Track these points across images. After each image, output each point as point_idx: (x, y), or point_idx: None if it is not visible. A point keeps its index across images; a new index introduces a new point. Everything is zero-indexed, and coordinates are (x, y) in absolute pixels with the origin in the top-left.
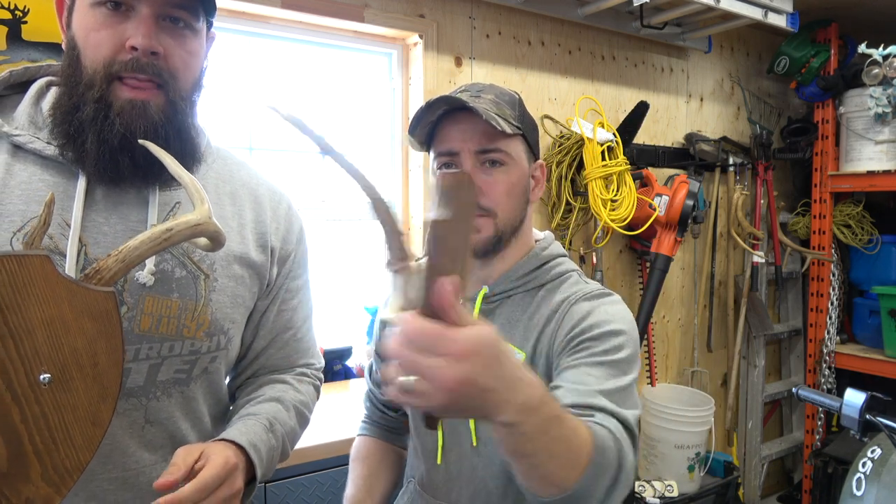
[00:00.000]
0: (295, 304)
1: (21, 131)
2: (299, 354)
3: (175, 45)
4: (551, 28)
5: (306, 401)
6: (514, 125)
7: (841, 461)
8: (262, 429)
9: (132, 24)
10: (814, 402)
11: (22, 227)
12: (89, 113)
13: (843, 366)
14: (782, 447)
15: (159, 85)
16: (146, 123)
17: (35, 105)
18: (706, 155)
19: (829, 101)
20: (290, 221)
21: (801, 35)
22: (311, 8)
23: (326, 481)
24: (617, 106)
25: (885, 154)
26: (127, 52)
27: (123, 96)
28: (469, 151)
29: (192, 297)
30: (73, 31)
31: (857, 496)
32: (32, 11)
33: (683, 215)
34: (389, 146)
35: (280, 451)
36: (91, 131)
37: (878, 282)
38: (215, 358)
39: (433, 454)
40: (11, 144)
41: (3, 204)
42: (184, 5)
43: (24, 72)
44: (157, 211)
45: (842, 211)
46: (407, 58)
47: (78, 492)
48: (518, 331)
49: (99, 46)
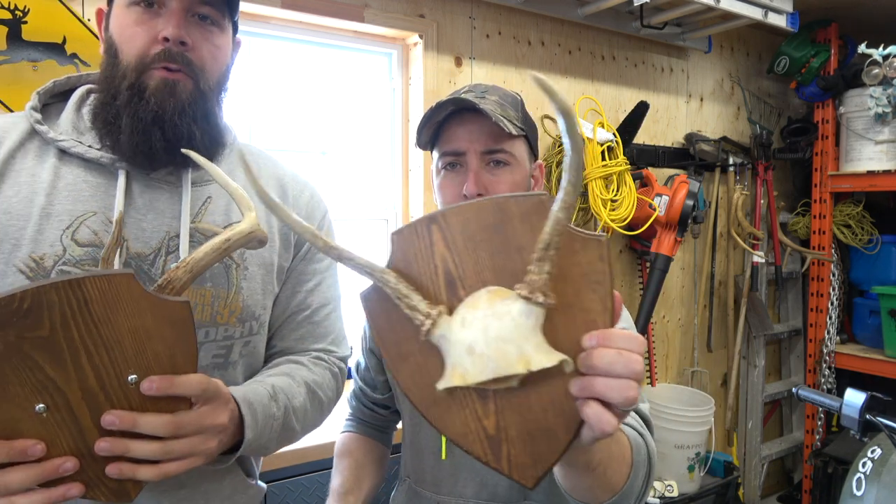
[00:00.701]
0: (311, 286)
1: (65, 136)
2: (315, 338)
3: (202, 38)
4: (551, 28)
5: (319, 381)
6: (518, 126)
7: (841, 461)
8: (266, 395)
9: (163, 19)
10: (814, 402)
11: (70, 224)
12: (124, 98)
13: (843, 366)
14: (782, 447)
15: (187, 74)
16: (176, 102)
17: (77, 111)
18: (706, 155)
19: (829, 101)
20: (311, 209)
21: (801, 35)
22: (311, 8)
23: (326, 481)
24: (617, 106)
25: (885, 154)
26: (159, 43)
27: (156, 77)
28: (475, 152)
29: (224, 286)
30: (111, 32)
31: (857, 496)
32: (32, 11)
33: (683, 215)
34: (389, 146)
35: (282, 422)
36: (126, 113)
37: (878, 282)
38: (248, 342)
39: (436, 450)
40: (57, 149)
41: (53, 205)
42: (210, 2)
43: (66, 81)
44: (190, 207)
45: (842, 211)
46: (407, 58)
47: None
48: None
49: (133, 39)
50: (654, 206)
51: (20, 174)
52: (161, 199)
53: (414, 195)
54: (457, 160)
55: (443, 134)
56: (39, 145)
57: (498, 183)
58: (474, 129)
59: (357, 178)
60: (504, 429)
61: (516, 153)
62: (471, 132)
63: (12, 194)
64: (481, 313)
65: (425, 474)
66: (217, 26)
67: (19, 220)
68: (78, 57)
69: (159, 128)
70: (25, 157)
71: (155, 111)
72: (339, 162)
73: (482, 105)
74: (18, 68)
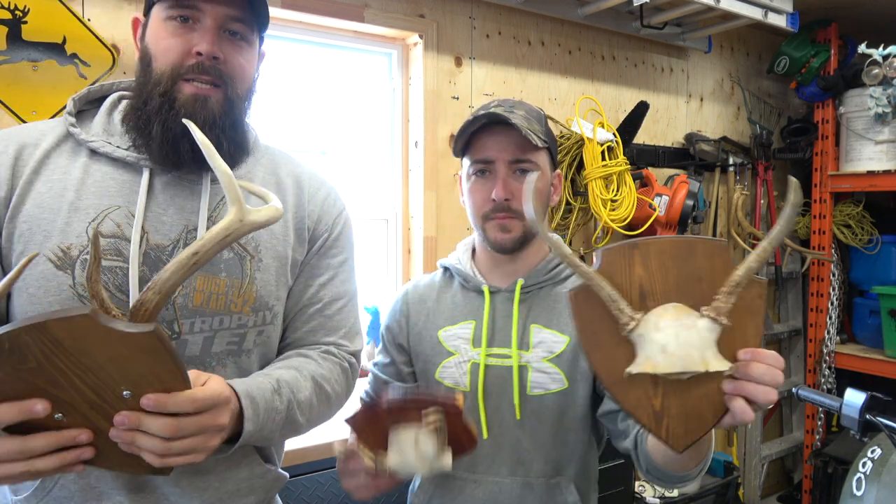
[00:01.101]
0: (323, 280)
1: (95, 137)
2: (326, 331)
3: (233, 52)
4: (551, 28)
5: (327, 376)
6: (543, 139)
7: (841, 461)
8: (270, 389)
9: (197, 34)
10: (814, 402)
11: (95, 217)
12: (156, 105)
13: (843, 366)
14: (782, 447)
15: (218, 85)
16: (206, 114)
17: (108, 115)
18: (706, 155)
19: (829, 101)
20: (326, 207)
21: (801, 35)
22: (311, 8)
23: (326, 481)
24: (617, 106)
25: (885, 154)
26: (193, 57)
27: (187, 91)
28: (504, 160)
29: (238, 276)
30: (147, 42)
31: (857, 496)
32: (32, 11)
33: (683, 215)
34: (389, 146)
35: (285, 416)
36: (157, 121)
37: (878, 282)
38: (262, 332)
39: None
40: (89, 149)
41: (81, 199)
42: (241, 19)
43: (99, 88)
44: (209, 201)
45: (842, 211)
46: (407, 58)
47: None
48: (557, 318)
49: (168, 52)
50: (654, 206)
51: (53, 172)
52: (181, 196)
53: (414, 195)
54: (486, 167)
55: (474, 143)
56: (73, 146)
57: (522, 189)
58: (503, 140)
59: (357, 178)
60: (667, 408)
61: (540, 163)
62: (500, 143)
63: (45, 190)
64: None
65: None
66: (246, 41)
67: (50, 213)
68: (78, 57)
69: (188, 139)
70: (59, 157)
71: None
72: (339, 162)
73: (512, 119)
74: (18, 68)
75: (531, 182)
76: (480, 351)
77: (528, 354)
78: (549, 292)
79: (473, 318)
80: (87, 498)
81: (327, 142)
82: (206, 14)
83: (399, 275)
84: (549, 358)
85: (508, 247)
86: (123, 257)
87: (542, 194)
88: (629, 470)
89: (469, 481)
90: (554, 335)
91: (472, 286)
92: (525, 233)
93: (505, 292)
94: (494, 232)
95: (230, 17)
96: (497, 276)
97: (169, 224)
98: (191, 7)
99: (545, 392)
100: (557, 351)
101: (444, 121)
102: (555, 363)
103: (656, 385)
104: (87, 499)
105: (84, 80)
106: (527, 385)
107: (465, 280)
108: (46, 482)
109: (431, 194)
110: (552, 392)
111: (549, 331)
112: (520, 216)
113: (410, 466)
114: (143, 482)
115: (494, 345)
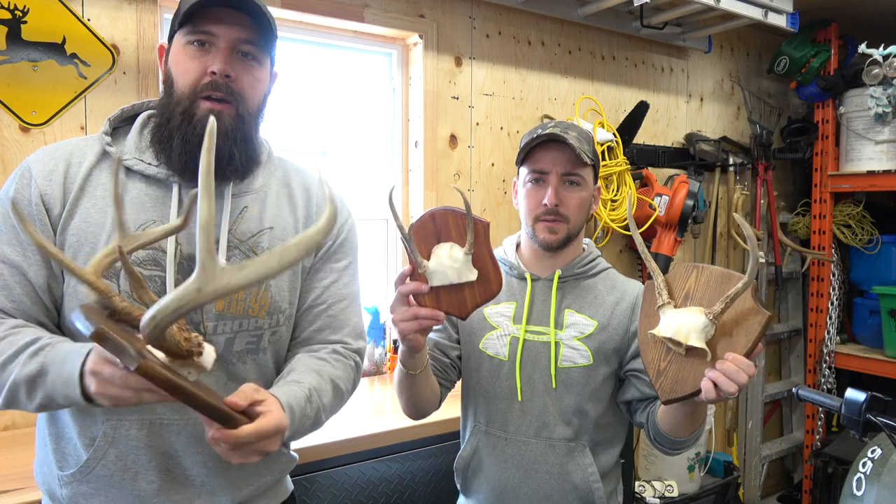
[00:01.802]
0: (328, 282)
1: (129, 156)
2: (332, 330)
3: (244, 71)
4: (551, 28)
5: (341, 376)
6: (590, 158)
7: (841, 461)
8: (304, 397)
9: (212, 56)
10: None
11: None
12: (177, 122)
13: (843, 366)
14: (782, 447)
15: (230, 101)
16: (220, 127)
17: (140, 133)
18: (706, 155)
19: (829, 101)
20: None
21: (801, 35)
22: (311, 8)
23: (354, 474)
24: (617, 106)
25: (885, 154)
26: (208, 76)
27: (203, 107)
28: (557, 173)
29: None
30: (169, 65)
31: (858, 496)
32: (32, 11)
33: (683, 215)
34: (390, 146)
35: (313, 420)
36: (177, 135)
37: (878, 282)
38: (276, 332)
39: (511, 394)
40: (124, 168)
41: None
42: (251, 41)
43: (131, 108)
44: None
45: (842, 211)
46: (407, 58)
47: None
48: (588, 305)
49: (187, 73)
50: (654, 206)
51: (97, 189)
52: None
53: (414, 195)
54: (541, 177)
55: (532, 156)
56: (111, 163)
57: (571, 199)
58: (558, 156)
59: (357, 178)
60: (666, 370)
61: (585, 177)
62: (555, 158)
63: (90, 206)
64: (685, 313)
65: (497, 416)
66: (257, 61)
67: (96, 227)
68: (78, 57)
69: None
70: (101, 175)
71: (201, 135)
72: (339, 162)
73: (568, 139)
74: (18, 68)
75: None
76: (520, 327)
77: (562, 333)
78: (580, 284)
79: (515, 300)
80: (125, 477)
81: (327, 142)
82: (220, 37)
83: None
84: (579, 337)
85: (554, 246)
86: (161, 267)
87: (585, 204)
88: (629, 470)
89: (501, 439)
90: (585, 319)
91: (516, 273)
92: (568, 235)
93: (545, 280)
94: (543, 232)
95: (241, 40)
96: (537, 267)
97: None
98: (206, 32)
99: (573, 365)
100: (587, 332)
101: (444, 121)
102: (584, 342)
103: (667, 353)
104: (124, 477)
105: (84, 80)
106: (558, 358)
107: (509, 268)
108: (91, 461)
109: (431, 194)
110: (578, 366)
111: (581, 315)
112: (566, 220)
113: (443, 269)
114: (174, 463)
115: (532, 323)
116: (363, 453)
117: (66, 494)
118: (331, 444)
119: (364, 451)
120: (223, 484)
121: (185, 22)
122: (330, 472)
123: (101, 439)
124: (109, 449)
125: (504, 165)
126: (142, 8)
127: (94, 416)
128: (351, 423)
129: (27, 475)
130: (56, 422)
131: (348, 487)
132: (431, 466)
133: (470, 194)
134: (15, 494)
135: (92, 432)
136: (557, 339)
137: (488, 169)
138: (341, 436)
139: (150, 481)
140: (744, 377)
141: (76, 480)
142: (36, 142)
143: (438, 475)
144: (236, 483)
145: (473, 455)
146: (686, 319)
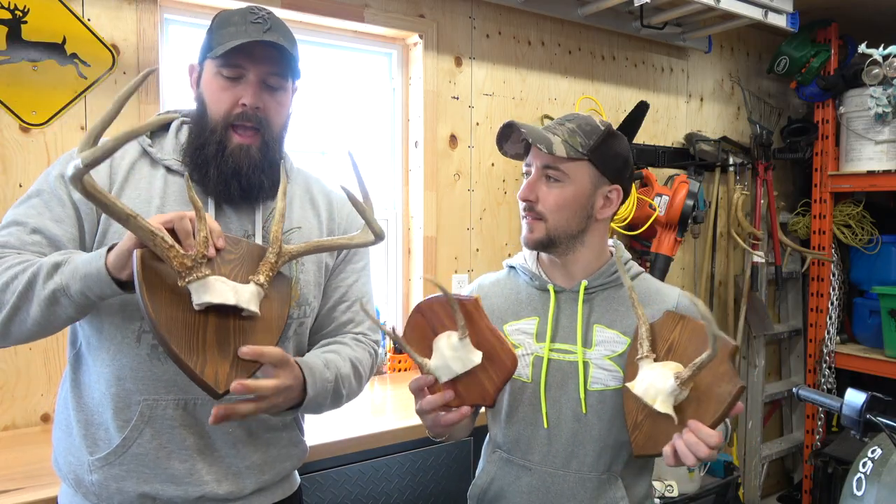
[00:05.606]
0: (350, 281)
1: (168, 157)
2: (355, 324)
3: (271, 100)
4: (551, 28)
5: (360, 357)
6: (579, 151)
7: (841, 461)
8: (321, 363)
9: (242, 87)
10: (814, 402)
11: None
12: (211, 151)
13: (843, 366)
14: (782, 447)
15: (258, 129)
16: (249, 161)
17: (175, 138)
18: (706, 155)
19: (829, 101)
20: (351, 219)
21: (801, 35)
22: (311, 8)
23: (362, 473)
24: (617, 106)
25: (885, 154)
26: (239, 107)
27: (235, 141)
28: (538, 166)
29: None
30: (202, 89)
31: (858, 496)
32: (32, 11)
33: (683, 215)
34: (390, 146)
35: (333, 386)
36: (213, 165)
37: (878, 282)
38: (302, 324)
39: (535, 421)
40: (164, 167)
41: (165, 206)
42: (278, 73)
43: (166, 115)
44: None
45: (842, 211)
46: (407, 58)
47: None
48: (620, 320)
49: (220, 103)
50: (654, 206)
51: (140, 181)
52: (241, 210)
53: (414, 195)
54: (529, 170)
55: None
56: (150, 162)
57: (547, 195)
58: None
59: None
60: (641, 424)
61: (571, 173)
62: (538, 151)
63: (134, 196)
64: (660, 370)
65: (520, 443)
66: (282, 89)
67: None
68: (78, 57)
69: (237, 180)
70: (142, 169)
71: (234, 168)
72: (339, 162)
73: (544, 132)
74: (18, 68)
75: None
76: (544, 346)
77: (591, 352)
78: (609, 294)
79: (537, 315)
80: (160, 456)
81: (327, 142)
82: (250, 71)
83: (399, 275)
84: (610, 356)
85: (531, 246)
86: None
87: (571, 204)
88: None
89: (524, 469)
90: (617, 336)
91: (539, 285)
92: (549, 235)
93: (569, 292)
94: (524, 230)
95: (269, 73)
96: (558, 276)
97: (234, 231)
98: (238, 66)
99: (604, 388)
100: (619, 350)
101: (444, 121)
102: (616, 362)
103: (644, 407)
104: (159, 457)
105: (84, 80)
106: (587, 380)
107: (531, 278)
108: (127, 440)
109: (431, 194)
110: (611, 389)
111: (613, 331)
112: (543, 218)
113: (446, 363)
114: (206, 444)
115: (557, 340)
116: (363, 453)
117: (96, 480)
118: (331, 443)
119: (364, 450)
120: (249, 466)
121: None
122: (330, 472)
123: (137, 419)
124: (146, 428)
125: (504, 165)
126: (142, 8)
127: (129, 398)
128: (351, 422)
129: (27, 475)
130: (84, 408)
131: (348, 487)
132: (432, 466)
133: (470, 194)
134: (15, 494)
135: (127, 414)
136: (586, 359)
137: (488, 169)
138: (342, 436)
139: (182, 460)
140: (703, 450)
141: (109, 464)
142: (36, 142)
143: (439, 475)
144: (261, 467)
145: (491, 484)
146: (657, 381)
